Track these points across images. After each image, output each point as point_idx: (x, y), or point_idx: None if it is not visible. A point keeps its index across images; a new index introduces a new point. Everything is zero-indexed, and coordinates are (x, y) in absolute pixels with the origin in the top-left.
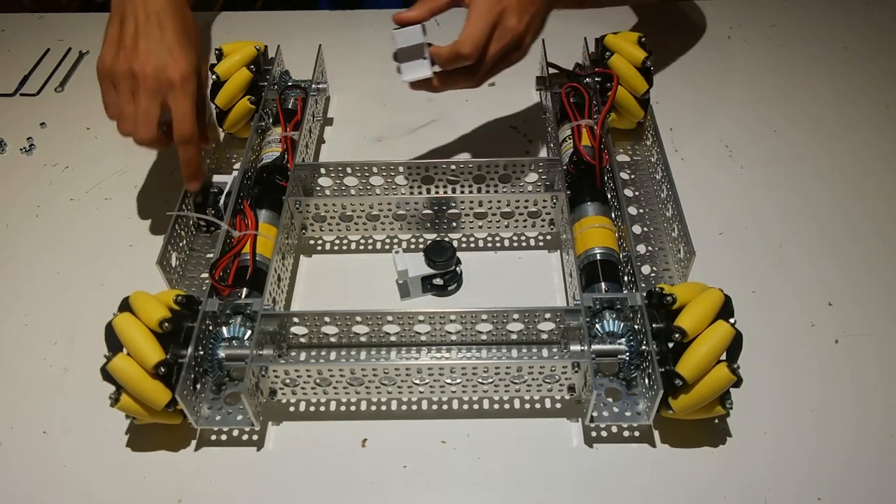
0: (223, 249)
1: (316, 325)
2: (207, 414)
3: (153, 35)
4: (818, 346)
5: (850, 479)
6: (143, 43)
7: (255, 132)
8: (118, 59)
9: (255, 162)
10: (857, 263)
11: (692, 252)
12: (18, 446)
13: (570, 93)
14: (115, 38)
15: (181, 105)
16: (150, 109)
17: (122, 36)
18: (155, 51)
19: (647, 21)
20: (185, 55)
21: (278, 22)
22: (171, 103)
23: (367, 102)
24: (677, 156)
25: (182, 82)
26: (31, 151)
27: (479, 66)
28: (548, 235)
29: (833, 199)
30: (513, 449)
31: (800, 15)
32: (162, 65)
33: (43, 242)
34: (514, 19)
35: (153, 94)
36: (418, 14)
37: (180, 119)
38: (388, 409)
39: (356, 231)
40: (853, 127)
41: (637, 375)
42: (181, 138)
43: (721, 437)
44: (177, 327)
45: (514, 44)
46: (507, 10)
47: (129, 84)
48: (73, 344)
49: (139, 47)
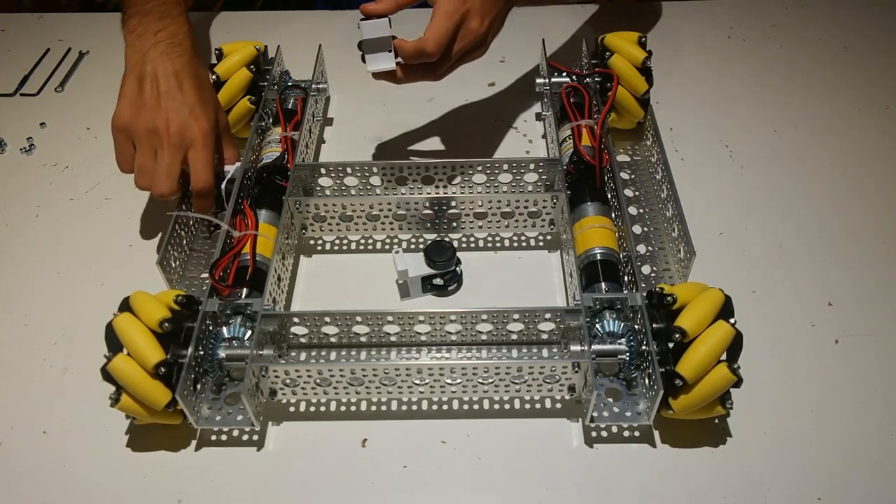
0: (223, 249)
1: (316, 325)
2: (207, 414)
3: (175, 95)
4: (818, 346)
5: (850, 479)
6: (166, 102)
7: (255, 132)
8: (139, 117)
9: (255, 162)
10: (858, 263)
11: (692, 252)
12: (18, 446)
13: (570, 93)
14: (134, 96)
15: (200, 159)
16: (172, 164)
17: (142, 95)
18: (177, 110)
19: (647, 21)
20: (205, 113)
21: (278, 22)
22: (190, 158)
23: (367, 102)
24: (677, 156)
25: (203, 138)
26: (31, 151)
27: (442, 63)
28: (548, 235)
29: (833, 199)
30: (513, 449)
31: (800, 15)
32: (185, 123)
33: (43, 242)
34: (477, 21)
35: (176, 150)
36: (385, 7)
37: (198, 172)
38: (388, 409)
39: (356, 231)
40: (853, 127)
41: (637, 375)
42: (199, 192)
43: (721, 437)
44: (177, 327)
45: (477, 44)
46: (471, 12)
47: (151, 141)
48: (73, 344)
49: (162, 106)
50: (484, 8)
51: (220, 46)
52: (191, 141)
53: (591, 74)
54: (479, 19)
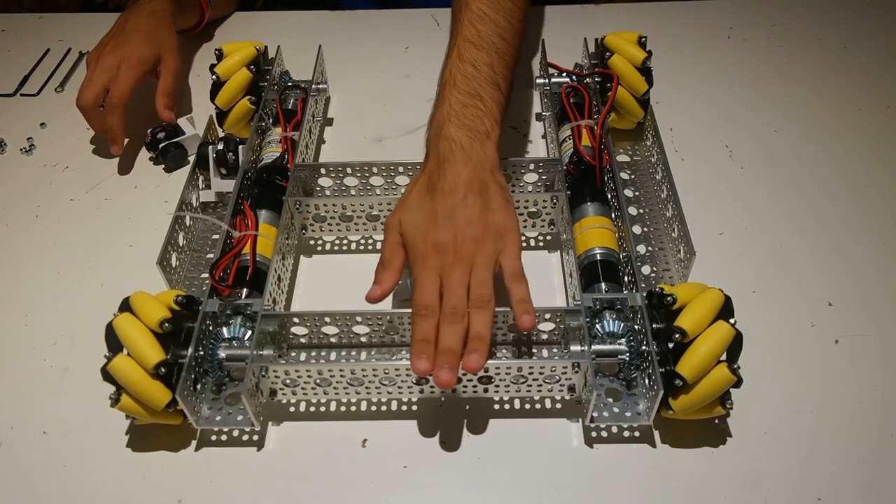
0: (223, 250)
1: (316, 325)
2: (207, 414)
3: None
4: (818, 347)
5: (850, 479)
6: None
7: (255, 132)
8: (98, 49)
9: (255, 162)
10: (858, 263)
11: (692, 252)
12: (18, 446)
13: (570, 93)
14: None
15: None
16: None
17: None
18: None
19: (647, 21)
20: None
21: (278, 22)
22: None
23: (367, 102)
24: (677, 156)
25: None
26: (31, 151)
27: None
28: (548, 236)
29: (833, 198)
30: (513, 449)
31: (800, 15)
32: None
33: (43, 242)
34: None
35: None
36: (382, 292)
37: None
38: (388, 409)
39: (356, 231)
40: (853, 127)
41: (637, 376)
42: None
43: (721, 437)
44: (177, 327)
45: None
46: (443, 247)
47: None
48: (73, 344)
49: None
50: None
51: (220, 47)
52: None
53: (591, 74)
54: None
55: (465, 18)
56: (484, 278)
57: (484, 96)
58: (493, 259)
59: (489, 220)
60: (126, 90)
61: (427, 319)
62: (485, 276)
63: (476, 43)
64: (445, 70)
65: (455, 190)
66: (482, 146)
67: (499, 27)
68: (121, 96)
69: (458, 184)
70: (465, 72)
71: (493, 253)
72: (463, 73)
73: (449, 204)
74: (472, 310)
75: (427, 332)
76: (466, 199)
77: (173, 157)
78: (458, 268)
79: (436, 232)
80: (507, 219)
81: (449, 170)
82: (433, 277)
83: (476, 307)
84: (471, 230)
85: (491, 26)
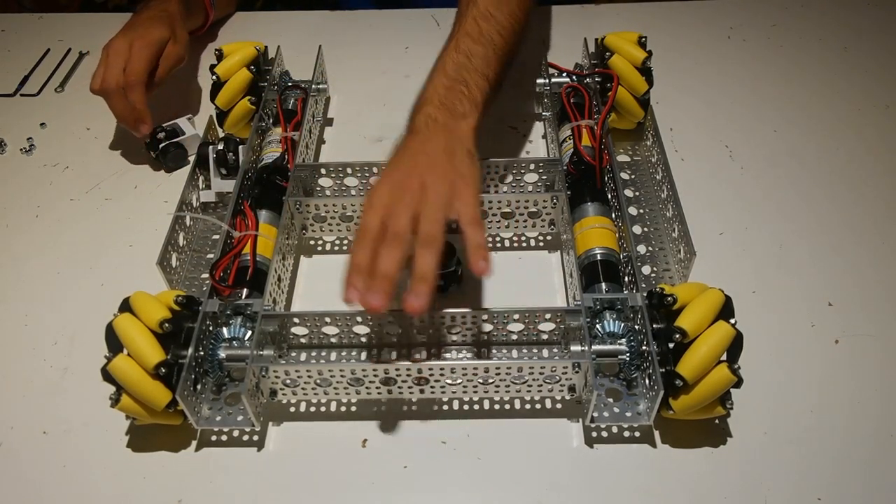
0: (223, 250)
1: (316, 325)
2: (208, 414)
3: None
4: (818, 347)
5: (850, 479)
6: None
7: (256, 132)
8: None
9: (255, 162)
10: (858, 263)
11: (692, 252)
12: (18, 446)
13: (570, 93)
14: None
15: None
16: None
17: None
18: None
19: (647, 21)
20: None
21: (278, 22)
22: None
23: (367, 102)
24: (677, 156)
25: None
26: (31, 151)
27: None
28: (548, 236)
29: (833, 198)
30: (513, 449)
31: (800, 15)
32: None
33: (43, 242)
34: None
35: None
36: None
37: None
38: (388, 409)
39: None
40: (853, 127)
41: (637, 376)
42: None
43: (721, 437)
44: (177, 328)
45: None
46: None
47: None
48: (73, 344)
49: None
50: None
51: (220, 47)
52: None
53: (591, 74)
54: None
55: (471, 15)
56: (435, 217)
57: (470, 83)
58: (447, 200)
59: (449, 167)
60: (142, 66)
61: (364, 247)
62: (437, 214)
63: (475, 37)
64: (440, 57)
65: (424, 148)
66: (457, 123)
67: (500, 26)
68: (137, 73)
69: (427, 144)
70: (458, 61)
71: (448, 193)
72: (455, 62)
73: (413, 151)
74: (419, 247)
75: (362, 261)
76: (432, 152)
77: (173, 158)
78: (408, 196)
79: (394, 171)
80: (469, 170)
81: (421, 135)
82: (379, 209)
83: (423, 245)
84: (430, 173)
85: (493, 24)
